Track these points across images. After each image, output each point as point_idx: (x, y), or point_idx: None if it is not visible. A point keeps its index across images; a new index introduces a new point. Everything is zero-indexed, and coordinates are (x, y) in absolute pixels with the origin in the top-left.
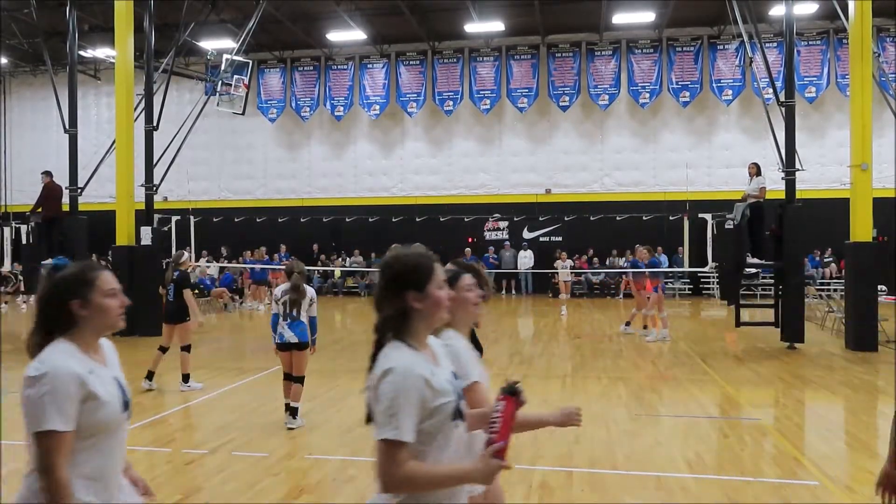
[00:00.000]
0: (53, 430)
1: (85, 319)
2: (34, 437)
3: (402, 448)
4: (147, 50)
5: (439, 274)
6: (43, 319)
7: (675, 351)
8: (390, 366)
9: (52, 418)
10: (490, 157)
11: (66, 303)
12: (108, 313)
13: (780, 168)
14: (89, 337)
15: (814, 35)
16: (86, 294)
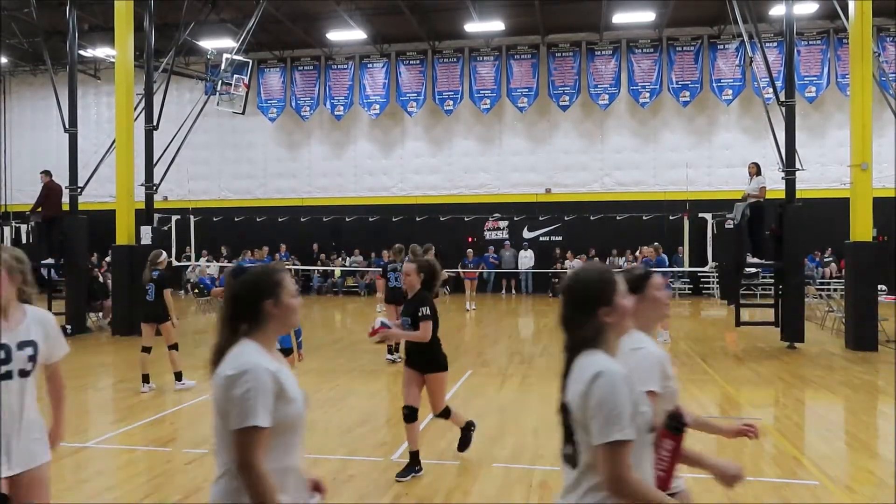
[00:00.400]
0: (257, 426)
1: (274, 319)
2: (237, 434)
3: (629, 449)
4: (147, 49)
5: (622, 284)
6: (233, 318)
7: (675, 351)
8: (599, 370)
9: (257, 414)
10: (490, 157)
11: (259, 302)
12: (294, 313)
13: (780, 168)
14: (272, 336)
15: (814, 35)
16: (278, 294)
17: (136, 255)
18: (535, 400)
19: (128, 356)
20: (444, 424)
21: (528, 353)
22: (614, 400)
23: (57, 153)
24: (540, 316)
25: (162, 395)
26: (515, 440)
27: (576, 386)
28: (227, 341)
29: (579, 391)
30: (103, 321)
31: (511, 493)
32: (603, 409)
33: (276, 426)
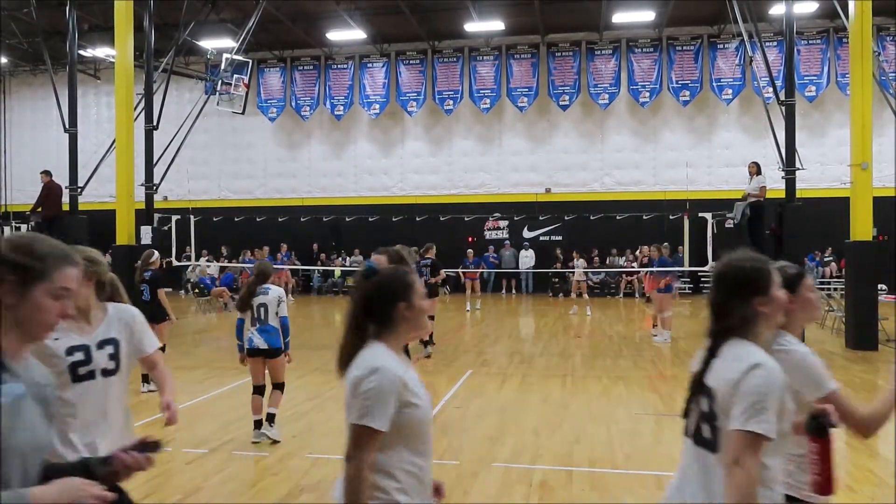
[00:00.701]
0: (370, 427)
1: (406, 322)
2: (352, 427)
3: (762, 444)
4: (147, 49)
5: (777, 277)
6: (363, 320)
7: (675, 350)
8: (757, 361)
9: (373, 416)
10: (490, 157)
11: (392, 304)
12: (424, 317)
13: (780, 167)
14: (401, 340)
15: (814, 34)
16: (410, 297)
17: (136, 255)
18: (535, 400)
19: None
20: (444, 423)
21: (528, 353)
22: (766, 393)
23: (57, 153)
24: (540, 316)
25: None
26: (515, 440)
27: (727, 373)
28: (357, 343)
29: (732, 379)
30: None
31: (511, 493)
32: (750, 399)
33: (402, 428)
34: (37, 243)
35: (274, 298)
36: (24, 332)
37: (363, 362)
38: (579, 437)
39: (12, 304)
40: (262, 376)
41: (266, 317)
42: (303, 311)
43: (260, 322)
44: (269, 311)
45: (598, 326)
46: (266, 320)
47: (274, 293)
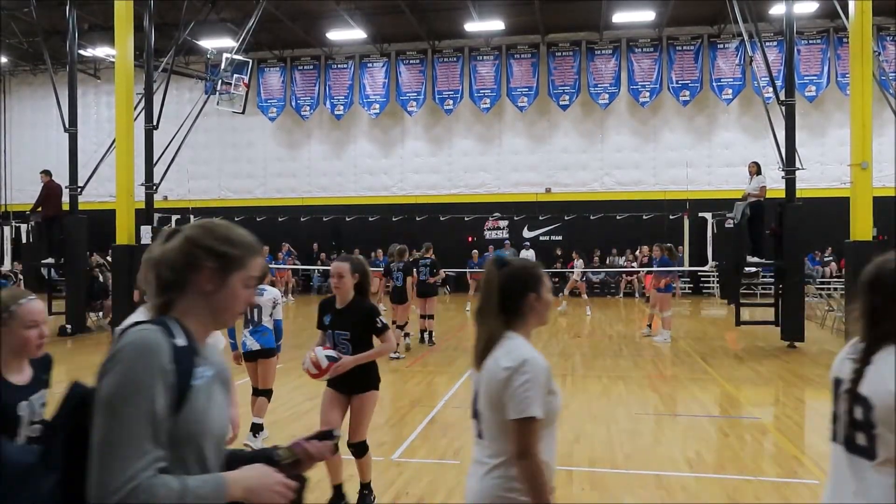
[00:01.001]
0: (534, 417)
1: (535, 312)
2: (516, 424)
3: None
4: (147, 49)
5: None
6: (496, 310)
7: (675, 350)
8: None
9: (535, 405)
10: (490, 156)
11: (525, 295)
12: (549, 310)
13: (780, 167)
14: (530, 330)
15: (814, 34)
16: (540, 288)
17: (136, 254)
18: None
19: None
20: (444, 423)
21: None
22: None
23: (57, 153)
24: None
25: None
26: None
27: (887, 384)
28: (494, 333)
29: (893, 390)
30: (103, 321)
31: None
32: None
33: (545, 418)
34: (233, 231)
35: (268, 300)
36: (216, 319)
37: (510, 354)
38: (579, 437)
39: (210, 290)
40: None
41: (259, 318)
42: (303, 311)
43: (253, 324)
44: (262, 314)
45: (598, 326)
46: (259, 322)
47: (269, 295)
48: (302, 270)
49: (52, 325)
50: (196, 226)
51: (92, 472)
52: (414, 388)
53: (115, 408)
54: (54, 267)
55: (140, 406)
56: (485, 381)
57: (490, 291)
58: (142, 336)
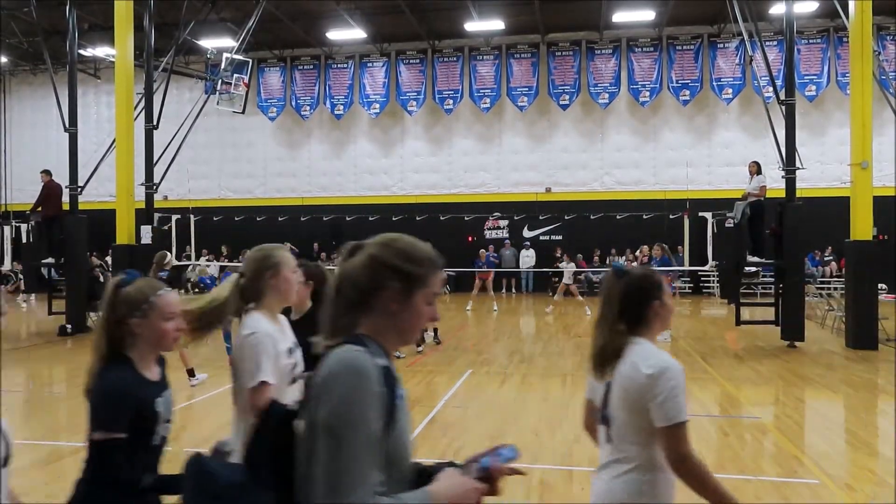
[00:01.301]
0: (685, 422)
1: (659, 318)
2: (669, 430)
3: None
4: (147, 49)
5: None
6: (620, 317)
7: (675, 349)
8: None
9: (684, 410)
10: (490, 156)
11: (649, 302)
12: (671, 314)
13: (780, 166)
14: (655, 335)
15: (814, 33)
16: (662, 296)
17: (136, 254)
18: (535, 399)
19: None
20: (444, 423)
21: (528, 353)
22: None
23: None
24: (540, 315)
25: None
26: (515, 439)
27: None
28: (619, 340)
29: None
30: None
31: (511, 492)
32: None
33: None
34: (416, 249)
35: None
36: (400, 338)
37: (650, 360)
38: (579, 437)
39: (395, 310)
40: None
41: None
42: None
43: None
44: None
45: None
46: None
47: None
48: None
49: (52, 325)
50: (380, 243)
51: (317, 497)
52: (414, 388)
53: (338, 434)
54: (54, 267)
55: (361, 431)
56: (621, 387)
57: (611, 300)
58: (354, 358)
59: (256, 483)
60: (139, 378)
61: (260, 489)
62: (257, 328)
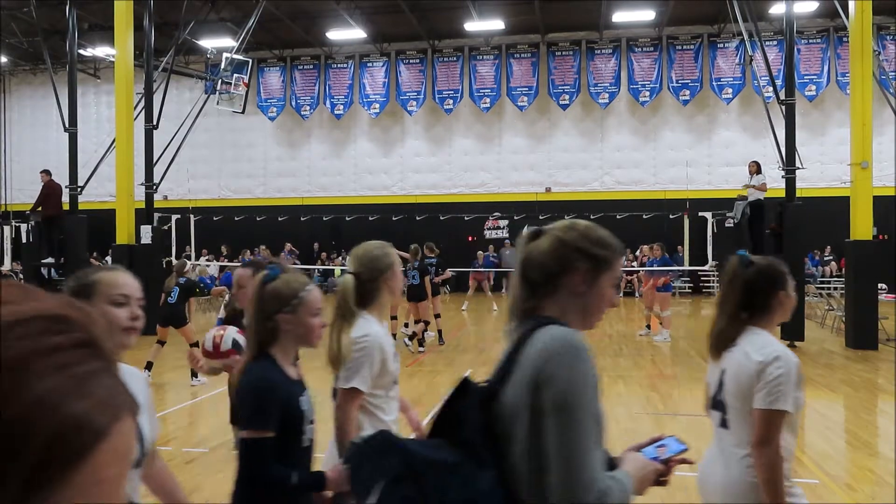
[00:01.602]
0: (783, 411)
1: (782, 309)
2: (765, 413)
3: None
4: (147, 48)
5: None
6: (742, 306)
7: (675, 349)
8: None
9: (785, 400)
10: (490, 156)
11: (774, 293)
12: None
13: (780, 166)
14: (775, 325)
15: (814, 33)
16: (787, 286)
17: (136, 254)
18: None
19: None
20: None
21: None
22: None
23: (57, 152)
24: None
25: (163, 393)
26: None
27: None
28: (734, 328)
29: None
30: None
31: None
32: None
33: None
34: (601, 232)
35: None
36: (586, 320)
37: (763, 349)
38: None
39: (582, 292)
40: None
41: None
42: None
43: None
44: None
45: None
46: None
47: None
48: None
49: None
50: (566, 227)
51: (551, 475)
52: (414, 387)
53: (569, 412)
54: (54, 267)
55: (587, 409)
56: (733, 373)
57: (733, 288)
58: (572, 337)
59: (477, 463)
60: (284, 375)
61: (476, 468)
62: (371, 331)
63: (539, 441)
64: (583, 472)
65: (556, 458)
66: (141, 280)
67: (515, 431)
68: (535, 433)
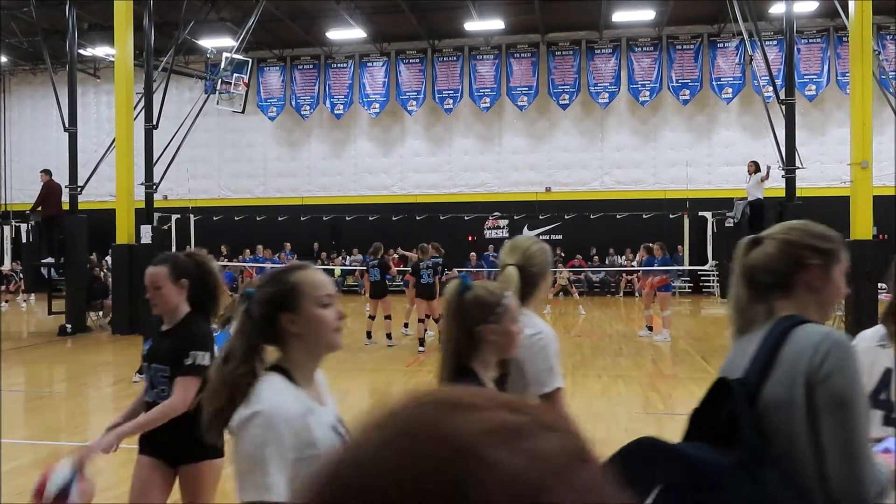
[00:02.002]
0: None
1: None
2: None
3: None
4: (147, 48)
5: None
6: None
7: (675, 349)
8: None
9: None
10: (490, 156)
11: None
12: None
13: (780, 166)
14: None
15: (814, 33)
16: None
17: (136, 254)
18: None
19: (128, 355)
20: None
21: None
22: None
23: (57, 152)
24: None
25: None
26: None
27: None
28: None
29: None
30: (103, 320)
31: None
32: None
33: None
34: (822, 228)
35: None
36: (823, 312)
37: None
38: None
39: (819, 286)
40: None
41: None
42: None
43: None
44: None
45: (598, 325)
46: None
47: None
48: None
49: (52, 325)
50: (787, 229)
51: (834, 470)
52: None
53: (849, 408)
54: (54, 267)
55: (862, 404)
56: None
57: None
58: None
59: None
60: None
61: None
62: (541, 328)
63: (818, 437)
64: (864, 466)
65: (837, 454)
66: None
67: (783, 429)
68: (813, 430)
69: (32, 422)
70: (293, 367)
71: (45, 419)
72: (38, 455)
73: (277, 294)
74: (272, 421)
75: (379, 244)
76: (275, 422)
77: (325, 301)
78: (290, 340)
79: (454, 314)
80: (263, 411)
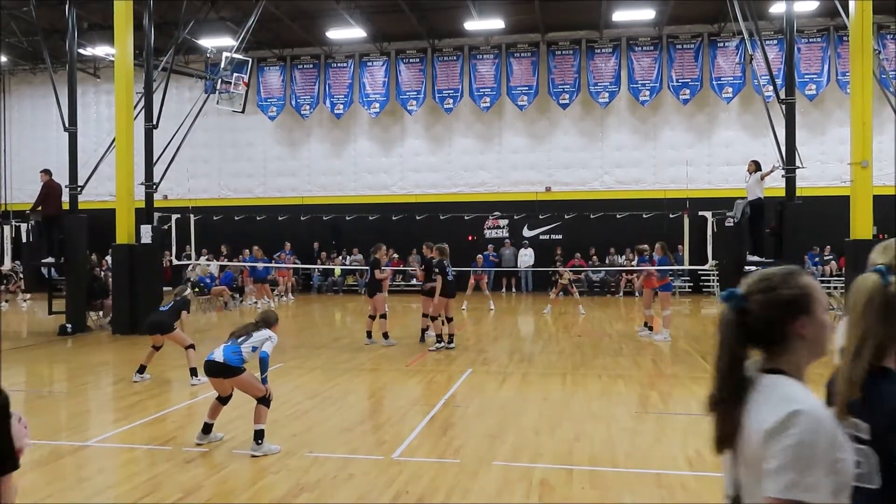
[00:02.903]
0: None
1: None
2: None
3: None
4: (147, 48)
5: None
6: None
7: (675, 349)
8: None
9: None
10: (490, 155)
11: None
12: None
13: (780, 165)
14: None
15: (814, 32)
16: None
17: (136, 253)
18: (535, 398)
19: (128, 355)
20: (445, 422)
21: (528, 352)
22: None
23: (57, 152)
24: (540, 315)
25: (162, 393)
26: (515, 438)
27: None
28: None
29: None
30: (103, 320)
31: (511, 492)
32: None
33: None
34: None
35: (260, 336)
36: None
37: None
38: (579, 436)
39: None
40: (223, 390)
41: (244, 341)
42: (303, 310)
43: (235, 341)
44: (249, 340)
45: (598, 325)
46: (241, 343)
47: (262, 335)
48: (302, 270)
49: (52, 325)
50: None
51: None
52: (414, 387)
53: None
54: (54, 266)
55: None
56: None
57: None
58: None
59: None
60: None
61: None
62: None
63: None
64: None
65: None
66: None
67: None
68: None
69: (32, 421)
70: (794, 370)
71: (45, 419)
72: (38, 455)
73: (796, 297)
74: (820, 421)
75: (380, 244)
76: (822, 422)
77: (827, 307)
78: (795, 344)
79: (880, 308)
80: (808, 411)
